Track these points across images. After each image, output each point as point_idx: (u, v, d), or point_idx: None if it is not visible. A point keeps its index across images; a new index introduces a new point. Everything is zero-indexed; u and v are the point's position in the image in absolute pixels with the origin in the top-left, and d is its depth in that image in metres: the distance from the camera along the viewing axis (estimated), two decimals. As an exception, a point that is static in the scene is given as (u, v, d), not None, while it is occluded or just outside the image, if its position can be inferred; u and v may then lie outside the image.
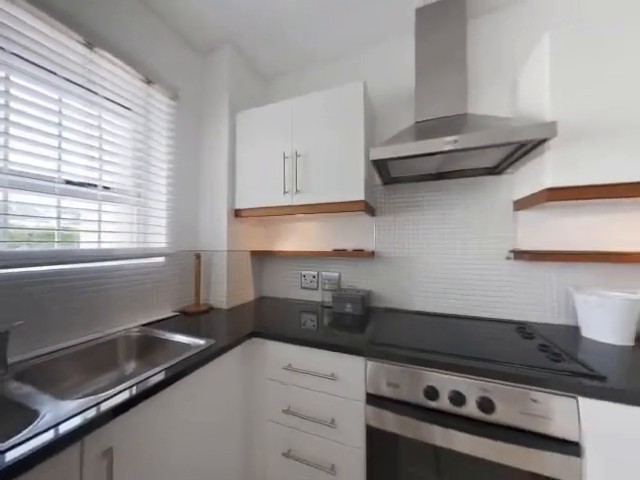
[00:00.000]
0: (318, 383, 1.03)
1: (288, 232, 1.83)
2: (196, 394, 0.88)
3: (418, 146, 1.02)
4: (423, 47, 1.28)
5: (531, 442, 0.74)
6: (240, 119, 1.56)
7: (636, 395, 0.68)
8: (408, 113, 1.48)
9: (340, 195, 1.30)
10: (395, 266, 1.51)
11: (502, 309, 1.30)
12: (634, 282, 1.11)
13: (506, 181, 1.30)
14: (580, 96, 0.94)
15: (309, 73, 1.77)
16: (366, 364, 0.96)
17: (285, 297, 1.81)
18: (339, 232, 1.67)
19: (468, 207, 1.37)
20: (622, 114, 0.90)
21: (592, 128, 0.93)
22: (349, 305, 1.41)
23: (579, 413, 0.72)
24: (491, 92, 1.33)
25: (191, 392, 0.86)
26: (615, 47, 0.91)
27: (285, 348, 1.10)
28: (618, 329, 0.97)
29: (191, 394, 0.86)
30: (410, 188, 1.49)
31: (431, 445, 0.84)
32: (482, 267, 1.34)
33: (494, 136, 0.92)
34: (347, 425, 0.98)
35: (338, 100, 1.31)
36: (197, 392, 0.89)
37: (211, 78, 1.59)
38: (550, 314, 1.22)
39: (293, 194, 1.39)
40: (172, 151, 1.41)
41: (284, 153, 1.41)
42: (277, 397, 1.11)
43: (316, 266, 1.72)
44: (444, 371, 0.85)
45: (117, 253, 1.16)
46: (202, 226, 1.61)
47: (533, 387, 0.76)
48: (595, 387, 0.71)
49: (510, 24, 1.31)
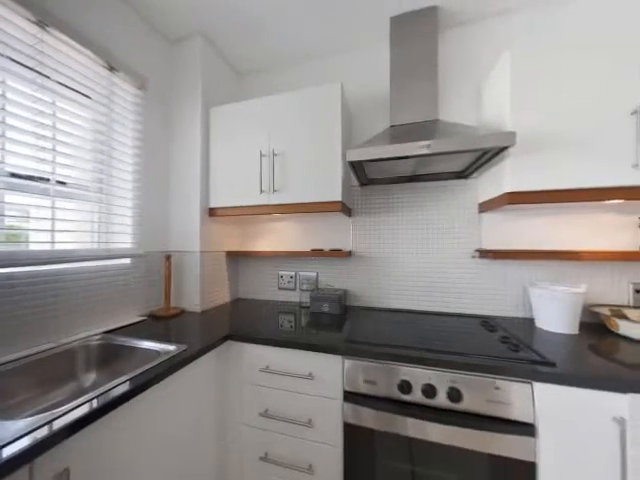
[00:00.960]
0: (296, 384, 1.03)
1: (265, 232, 1.80)
2: (166, 403, 0.83)
3: (393, 149, 1.06)
4: (397, 54, 1.33)
5: (493, 426, 0.81)
6: (214, 114, 1.50)
7: (580, 378, 0.76)
8: (384, 116, 1.52)
9: (317, 195, 1.30)
10: (371, 265, 1.55)
11: (469, 305, 1.39)
12: (578, 277, 1.25)
13: (472, 185, 1.40)
14: (536, 109, 1.04)
15: (285, 72, 1.76)
16: (343, 362, 0.98)
17: (262, 298, 1.78)
18: (317, 232, 1.67)
19: (439, 208, 1.45)
20: (571, 127, 1.00)
21: (545, 139, 1.03)
22: (326, 305, 1.42)
23: (533, 397, 0.79)
24: (459, 101, 1.42)
25: (160, 402, 0.81)
26: (566, 66, 1.01)
27: (262, 350, 1.08)
28: (565, 319, 1.09)
29: (160, 404, 0.81)
30: (386, 190, 1.54)
31: (405, 437, 0.88)
32: (451, 265, 1.42)
33: (462, 143, 0.99)
34: (325, 424, 0.99)
35: (316, 100, 1.31)
36: (167, 401, 0.84)
37: (182, 69, 1.51)
38: (510, 308, 1.33)
39: (270, 194, 1.37)
40: (139, 145, 1.32)
41: (261, 151, 1.38)
42: (254, 401, 1.09)
43: (294, 266, 1.71)
44: (417, 365, 0.89)
45: (75, 254, 1.06)
46: (173, 226, 1.52)
47: (496, 376, 0.82)
48: (546, 372, 0.78)
49: (476, 38, 1.40)
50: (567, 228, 1.27)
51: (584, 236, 1.25)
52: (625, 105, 0.95)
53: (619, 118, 0.96)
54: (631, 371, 0.78)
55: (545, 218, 1.30)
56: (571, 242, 1.26)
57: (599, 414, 0.74)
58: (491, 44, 1.38)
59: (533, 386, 0.80)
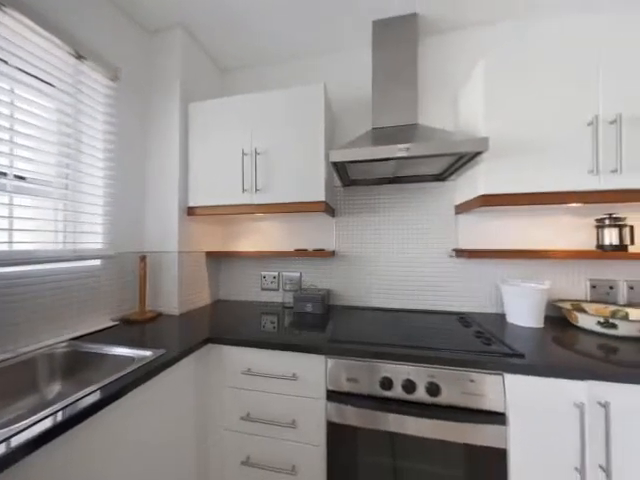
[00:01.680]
0: (279, 385, 1.02)
1: (247, 232, 1.76)
2: (143, 412, 0.79)
3: (375, 151, 1.08)
4: (379, 59, 1.36)
5: (468, 417, 0.85)
6: (194, 110, 1.45)
7: (545, 368, 0.82)
8: (366, 118, 1.55)
9: (301, 195, 1.30)
10: (354, 265, 1.58)
11: (446, 302, 1.45)
12: (544, 274, 1.34)
13: (449, 187, 1.46)
14: (506, 118, 1.10)
15: (269, 70, 1.73)
16: (326, 362, 0.98)
17: (245, 299, 1.75)
18: (300, 232, 1.67)
19: (419, 210, 1.50)
20: (536, 136, 1.08)
21: (515, 146, 1.09)
22: (310, 304, 1.42)
23: (505, 387, 0.84)
24: (437, 106, 1.48)
25: (136, 410, 0.77)
26: (532, 79, 1.09)
27: (244, 352, 1.06)
28: (532, 314, 1.17)
29: (136, 412, 0.77)
30: (368, 190, 1.56)
31: (386, 432, 0.90)
32: (430, 264, 1.47)
33: (440, 146, 1.03)
34: (308, 424, 0.99)
35: (299, 100, 1.31)
36: (144, 409, 0.80)
37: (161, 62, 1.45)
38: (484, 304, 1.41)
39: (253, 193, 1.35)
40: (111, 139, 1.24)
41: (243, 150, 1.35)
42: (235, 404, 1.06)
43: (277, 266, 1.69)
44: (397, 362, 0.92)
45: (36, 256, 0.97)
46: (149, 225, 1.45)
47: (470, 369, 0.87)
48: (516, 364, 0.84)
49: (454, 47, 1.47)
50: (534, 229, 1.37)
51: (548, 236, 1.35)
52: (582, 117, 1.04)
53: (577, 128, 1.04)
54: (588, 360, 0.86)
55: (515, 220, 1.39)
56: (538, 242, 1.36)
57: (562, 400, 0.81)
58: (467, 53, 1.45)
59: (504, 377, 0.85)
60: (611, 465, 0.77)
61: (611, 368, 0.81)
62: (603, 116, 1.02)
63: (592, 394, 0.79)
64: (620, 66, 1.02)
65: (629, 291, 1.26)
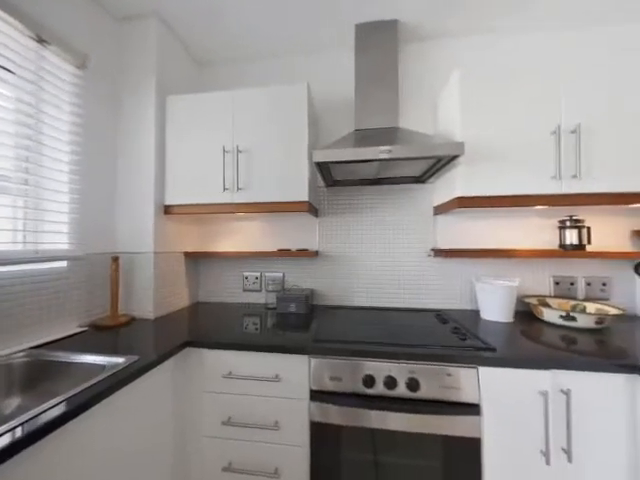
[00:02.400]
0: (261, 387, 1.00)
1: (228, 232, 1.72)
2: (116, 422, 0.75)
3: (358, 153, 1.09)
4: (362, 62, 1.38)
5: (446, 410, 0.88)
6: (172, 104, 1.39)
7: (515, 360, 0.88)
8: (349, 120, 1.56)
9: (284, 195, 1.29)
10: (337, 265, 1.59)
11: (425, 300, 1.50)
12: (514, 272, 1.43)
13: (428, 189, 1.52)
14: (482, 124, 1.16)
15: (250, 66, 1.70)
16: (310, 361, 0.98)
17: (226, 301, 1.70)
18: (283, 232, 1.65)
19: (399, 210, 1.54)
20: (511, 142, 1.15)
21: (490, 150, 1.16)
22: (293, 305, 1.42)
23: (479, 380, 0.89)
24: (418, 111, 1.53)
25: (108, 421, 0.72)
26: (503, 89, 1.15)
27: (225, 355, 1.03)
28: (503, 309, 1.24)
29: (109, 423, 0.72)
30: (351, 191, 1.58)
31: (368, 429, 0.92)
32: (410, 264, 1.52)
33: (420, 150, 1.06)
34: (291, 425, 0.98)
35: (283, 98, 1.30)
36: (117, 419, 0.75)
37: (135, 51, 1.37)
38: (460, 301, 1.48)
39: (234, 192, 1.31)
40: (78, 131, 1.16)
41: (224, 147, 1.32)
42: (216, 409, 1.03)
43: (259, 267, 1.67)
44: (380, 359, 0.94)
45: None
46: (122, 224, 1.37)
47: (448, 363, 0.91)
48: (489, 357, 0.89)
49: (433, 55, 1.53)
50: (505, 230, 1.45)
51: (518, 237, 1.44)
52: (547, 126, 1.12)
53: (542, 137, 1.12)
54: (552, 351, 0.93)
55: (488, 221, 1.47)
56: (508, 242, 1.45)
57: (528, 389, 0.87)
58: (445, 62, 1.51)
59: (478, 370, 0.89)
60: (572, 447, 0.83)
61: (571, 358, 0.88)
62: (564, 126, 1.10)
63: (555, 382, 0.85)
64: (578, 81, 1.11)
65: (586, 287, 1.38)
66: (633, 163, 1.08)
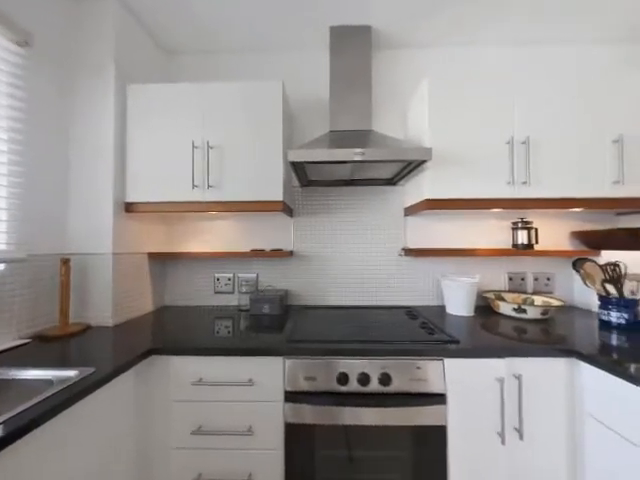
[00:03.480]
0: (234, 392, 0.97)
1: (198, 231, 1.64)
2: (66, 442, 0.67)
3: (333, 154, 1.11)
4: (336, 64, 1.40)
5: (415, 401, 0.93)
6: (135, 93, 1.29)
7: (477, 351, 0.95)
8: (324, 120, 1.57)
9: (258, 194, 1.26)
10: (312, 265, 1.59)
11: (397, 297, 1.57)
12: (475, 269, 1.55)
13: (399, 191, 1.58)
14: (447, 132, 1.24)
15: (223, 59, 1.64)
16: (284, 363, 0.97)
17: (195, 304, 1.62)
18: (257, 232, 1.62)
19: (372, 211, 1.59)
20: (473, 149, 1.24)
21: (455, 156, 1.24)
22: (267, 306, 1.39)
23: (444, 371, 0.95)
24: (389, 115, 1.59)
25: (57, 442, 0.65)
26: (465, 100, 1.24)
27: (195, 362, 0.98)
28: (465, 304, 1.34)
29: (57, 444, 0.65)
30: (326, 192, 1.60)
31: (342, 426, 0.93)
32: (382, 263, 1.58)
33: (391, 153, 1.11)
34: (265, 429, 0.97)
35: (257, 95, 1.27)
36: (68, 440, 0.67)
37: (90, 33, 1.24)
38: (428, 298, 1.57)
39: (204, 189, 1.26)
40: (18, 116, 1.02)
41: (193, 142, 1.25)
42: (185, 419, 0.97)
43: (232, 268, 1.61)
44: (353, 357, 0.96)
45: None
46: (74, 222, 1.23)
47: (417, 357, 0.95)
48: (453, 349, 0.95)
49: (404, 62, 1.60)
50: (467, 231, 1.57)
51: (478, 237, 1.57)
52: (503, 137, 1.23)
53: (499, 146, 1.23)
54: (506, 340, 1.02)
55: (453, 222, 1.57)
56: (470, 242, 1.56)
57: (487, 377, 0.94)
58: (415, 70, 1.59)
59: (444, 362, 0.95)
60: (523, 426, 0.93)
61: (522, 346, 0.98)
62: (517, 137, 1.22)
63: (509, 369, 0.94)
64: (527, 97, 1.23)
65: (534, 282, 1.55)
66: (571, 172, 1.22)
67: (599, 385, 0.87)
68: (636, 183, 1.20)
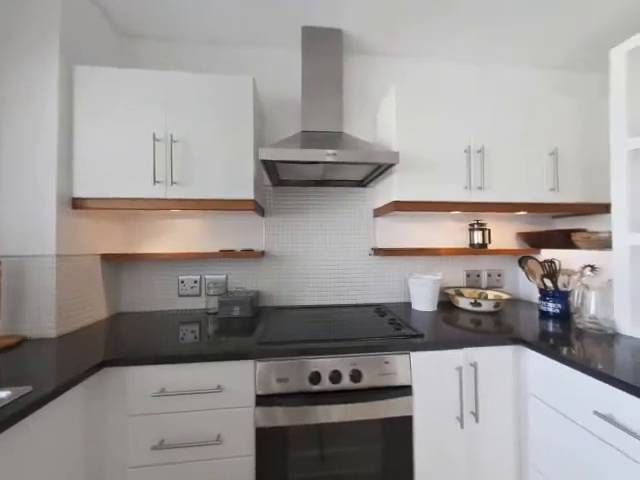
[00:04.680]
0: (201, 401, 0.92)
1: (160, 230, 1.52)
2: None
3: (305, 154, 1.11)
4: (308, 65, 1.40)
5: (384, 395, 0.97)
6: (84, 76, 1.15)
7: (439, 343, 1.02)
8: (295, 120, 1.57)
9: (228, 192, 1.21)
10: (284, 265, 1.58)
11: (367, 295, 1.62)
12: (437, 268, 1.67)
13: (369, 193, 1.64)
14: (413, 138, 1.31)
15: (188, 49, 1.54)
16: (255, 366, 0.95)
17: (157, 309, 1.50)
18: (225, 231, 1.55)
19: (343, 212, 1.62)
20: (436, 155, 1.32)
21: (420, 161, 1.31)
22: (237, 308, 1.34)
23: (410, 364, 1.00)
24: (360, 118, 1.63)
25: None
26: (429, 109, 1.33)
27: (156, 371, 0.91)
28: (429, 300, 1.43)
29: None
30: (298, 191, 1.59)
31: (315, 425, 0.94)
32: (353, 262, 1.62)
33: (362, 156, 1.14)
34: (235, 436, 0.93)
35: (227, 89, 1.22)
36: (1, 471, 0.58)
37: (29, 5, 1.09)
38: (396, 295, 1.64)
39: (167, 186, 1.17)
40: None
41: (154, 134, 1.16)
42: (144, 434, 0.90)
43: (198, 269, 1.53)
44: (325, 356, 0.97)
45: None
46: (5, 219, 1.07)
47: (385, 352, 0.99)
48: (418, 343, 1.01)
49: (374, 68, 1.65)
50: (430, 231, 1.68)
51: (439, 237, 1.68)
52: (461, 145, 1.34)
53: (458, 153, 1.34)
54: (464, 332, 1.11)
55: (418, 223, 1.67)
56: (433, 242, 1.67)
57: (448, 367, 1.02)
58: (385, 76, 1.66)
59: (410, 355, 1.01)
60: (478, 410, 1.02)
61: (477, 337, 1.07)
62: (473, 146, 1.34)
63: (467, 358, 1.03)
64: (482, 110, 1.36)
65: (488, 278, 1.71)
66: (517, 180, 1.37)
67: (539, 367, 0.98)
68: (568, 190, 1.39)
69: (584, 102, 1.42)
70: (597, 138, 1.39)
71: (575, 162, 1.40)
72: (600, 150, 1.36)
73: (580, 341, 1.01)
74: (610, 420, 0.74)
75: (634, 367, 0.80)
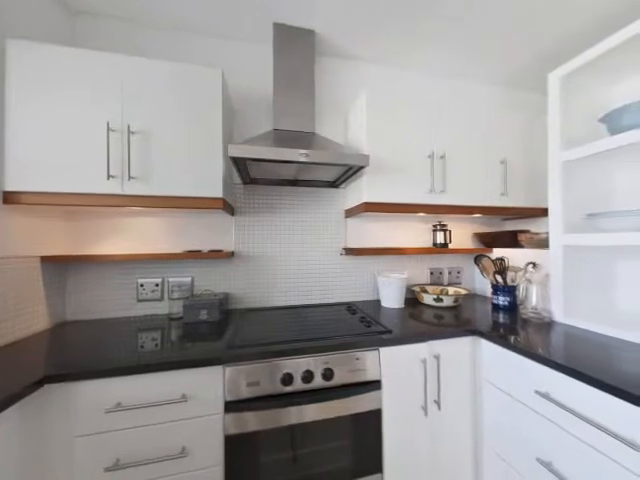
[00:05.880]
0: (163, 413, 0.86)
1: (116, 230, 1.39)
2: None
3: (278, 152, 1.09)
4: (281, 63, 1.38)
5: (355, 391, 0.99)
6: (19, 52, 1.00)
7: (405, 338, 1.08)
8: (267, 117, 1.54)
9: (195, 189, 1.15)
10: (255, 266, 1.54)
11: (338, 294, 1.65)
12: (404, 266, 1.76)
13: (341, 194, 1.67)
14: (382, 142, 1.36)
15: (149, 35, 1.42)
16: (224, 371, 0.91)
17: (111, 316, 1.36)
18: (191, 231, 1.47)
19: (315, 212, 1.63)
20: (403, 159, 1.39)
21: (388, 165, 1.37)
22: (204, 312, 1.28)
23: (380, 359, 1.04)
24: (331, 120, 1.66)
25: None
26: (402, 113, 1.39)
27: (110, 385, 0.83)
28: (397, 298, 1.50)
29: None
30: (270, 191, 1.56)
31: (287, 426, 0.93)
32: (325, 262, 1.64)
33: (334, 157, 1.16)
34: (203, 447, 0.88)
35: (194, 80, 1.15)
36: None
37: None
38: (366, 293, 1.70)
39: (124, 181, 1.07)
40: None
41: (108, 124, 1.05)
42: (96, 455, 0.81)
43: (161, 272, 1.42)
44: (297, 356, 0.96)
45: None
46: None
47: (356, 349, 1.02)
48: (387, 338, 1.05)
49: (345, 71, 1.68)
50: (398, 231, 1.76)
51: (406, 237, 1.78)
52: (426, 151, 1.42)
53: (422, 159, 1.42)
54: (428, 326, 1.19)
55: (387, 224, 1.74)
56: (400, 242, 1.76)
57: (413, 360, 1.08)
58: (357, 80, 1.70)
59: (379, 351, 1.05)
60: (440, 398, 1.09)
61: (439, 330, 1.15)
62: (436, 152, 1.43)
63: (430, 350, 1.10)
64: (443, 119, 1.46)
65: (449, 275, 1.84)
66: (472, 185, 1.50)
67: (492, 355, 1.09)
68: (515, 195, 1.56)
69: (529, 118, 1.60)
70: (539, 151, 1.58)
71: (521, 171, 1.58)
72: (541, 161, 1.54)
73: (524, 329, 1.13)
74: (547, 397, 0.85)
75: (565, 350, 0.92)
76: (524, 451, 0.94)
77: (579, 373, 0.77)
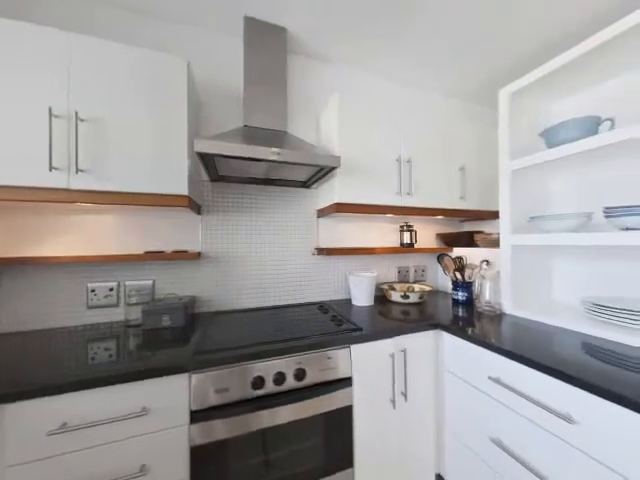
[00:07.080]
0: (120, 429, 0.78)
1: (62, 229, 1.23)
2: None
3: (248, 150, 1.06)
4: (251, 58, 1.35)
5: (326, 389, 1.01)
6: None
7: (374, 334, 1.11)
8: (235, 112, 1.48)
9: (156, 185, 1.07)
10: (224, 267, 1.47)
11: (310, 294, 1.65)
12: (373, 265, 1.82)
13: (313, 194, 1.67)
14: (353, 145, 1.40)
15: (103, 13, 1.29)
16: (190, 379, 0.86)
17: (56, 326, 1.21)
18: (153, 230, 1.36)
19: (286, 212, 1.61)
20: (372, 162, 1.44)
21: (359, 167, 1.41)
22: (167, 317, 1.19)
23: (351, 356, 1.07)
24: (303, 120, 1.65)
25: None
26: (372, 118, 1.43)
27: (52, 404, 0.73)
28: (366, 296, 1.55)
29: None
30: (239, 189, 1.51)
31: (258, 431, 0.91)
32: (296, 262, 1.63)
33: (306, 157, 1.16)
34: (165, 462, 0.82)
35: (155, 68, 1.07)
36: None
37: None
38: (338, 292, 1.72)
39: (70, 173, 0.96)
40: None
41: (50, 109, 0.93)
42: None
43: (116, 275, 1.30)
44: (268, 358, 0.95)
45: None
46: None
47: (328, 348, 1.03)
48: (357, 336, 1.08)
49: (317, 72, 1.69)
50: (367, 232, 1.82)
51: (375, 237, 1.84)
52: (394, 154, 1.49)
53: (391, 162, 1.49)
54: (395, 322, 1.24)
55: (357, 224, 1.79)
56: (370, 241, 1.82)
57: (382, 355, 1.12)
58: (329, 81, 1.71)
59: (351, 348, 1.07)
60: (407, 390, 1.15)
61: (406, 325, 1.21)
62: (403, 156, 1.51)
63: (398, 345, 1.15)
64: (409, 124, 1.54)
65: (414, 273, 1.95)
66: (435, 188, 1.61)
67: (452, 346, 1.18)
68: (472, 199, 1.70)
69: (483, 129, 1.76)
70: (491, 159, 1.75)
71: (476, 177, 1.73)
72: (493, 168, 1.70)
73: (479, 321, 1.24)
74: (498, 382, 0.94)
75: (513, 339, 1.03)
76: (478, 432, 1.03)
77: (524, 358, 0.86)
